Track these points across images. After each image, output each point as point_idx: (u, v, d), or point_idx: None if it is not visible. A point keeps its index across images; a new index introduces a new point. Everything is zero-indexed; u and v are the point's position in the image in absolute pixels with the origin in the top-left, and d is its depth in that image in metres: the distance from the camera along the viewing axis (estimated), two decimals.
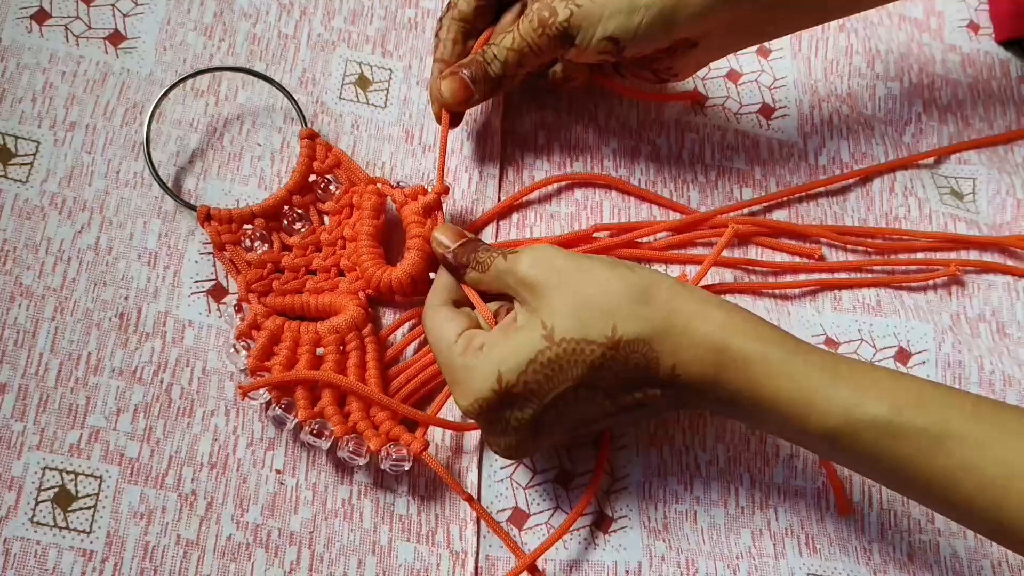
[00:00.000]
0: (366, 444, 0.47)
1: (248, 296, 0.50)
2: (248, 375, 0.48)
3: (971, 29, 0.68)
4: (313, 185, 0.53)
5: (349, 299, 0.50)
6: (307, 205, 0.53)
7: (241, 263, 0.51)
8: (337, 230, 0.53)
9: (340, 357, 0.49)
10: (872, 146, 0.63)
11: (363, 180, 0.53)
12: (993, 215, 0.62)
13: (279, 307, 0.50)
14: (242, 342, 0.48)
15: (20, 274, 0.48)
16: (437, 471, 0.47)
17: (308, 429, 0.46)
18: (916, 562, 0.51)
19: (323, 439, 0.47)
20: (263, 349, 0.48)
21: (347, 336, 0.49)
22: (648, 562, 0.49)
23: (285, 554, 0.46)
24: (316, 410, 0.47)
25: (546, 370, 0.42)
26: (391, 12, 0.60)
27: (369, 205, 0.52)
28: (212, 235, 0.50)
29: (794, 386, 0.42)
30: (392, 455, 0.47)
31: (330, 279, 0.52)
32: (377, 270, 0.51)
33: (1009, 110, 0.66)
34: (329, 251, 0.52)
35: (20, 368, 0.46)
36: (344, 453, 0.47)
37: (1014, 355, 0.57)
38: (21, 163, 0.50)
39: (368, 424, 0.47)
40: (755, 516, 0.51)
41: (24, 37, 0.53)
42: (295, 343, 0.49)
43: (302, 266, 0.52)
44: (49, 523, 0.44)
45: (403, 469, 0.47)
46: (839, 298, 0.57)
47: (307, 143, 0.53)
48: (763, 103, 0.63)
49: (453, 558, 0.47)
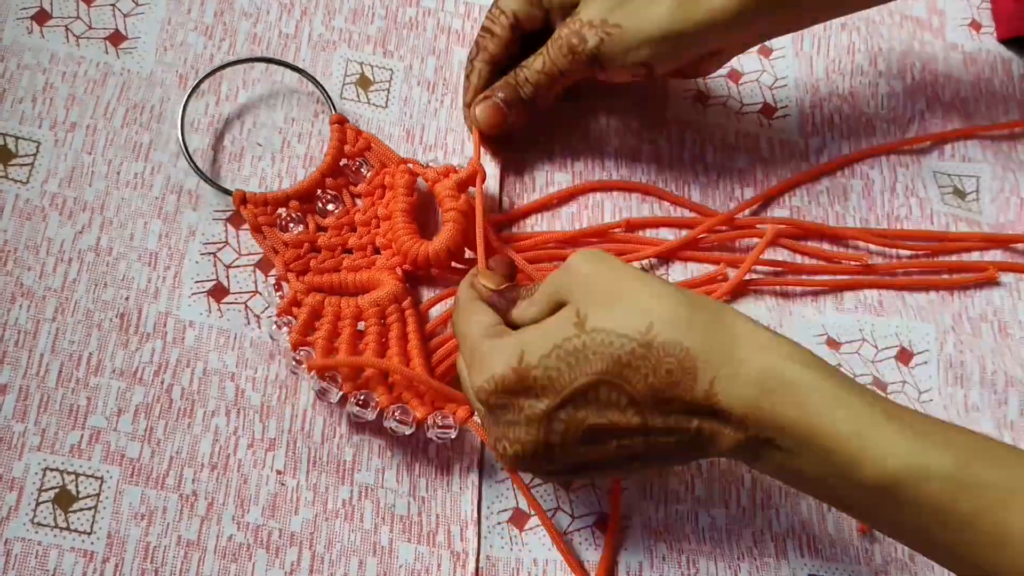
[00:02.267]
0: (412, 413, 0.47)
1: (287, 275, 0.50)
2: (292, 350, 0.48)
3: (973, 27, 0.68)
4: (344, 169, 0.54)
5: (387, 274, 0.51)
6: (339, 188, 0.54)
7: (279, 243, 0.51)
8: (371, 210, 0.54)
9: (382, 329, 0.50)
10: (874, 145, 0.63)
11: (395, 161, 0.54)
12: (996, 214, 0.62)
13: (318, 285, 0.51)
14: (283, 318, 0.49)
15: (21, 275, 0.48)
16: (483, 439, 0.47)
17: (354, 400, 0.47)
18: (917, 562, 0.51)
19: (369, 409, 0.47)
20: (305, 324, 0.49)
21: (387, 309, 0.50)
22: (649, 562, 0.49)
23: (286, 555, 0.46)
24: (360, 382, 0.48)
25: (570, 358, 0.39)
26: (392, 12, 0.60)
27: (402, 183, 0.53)
28: (249, 218, 0.51)
29: (852, 417, 0.37)
30: (439, 423, 0.47)
31: (367, 257, 0.53)
32: (414, 244, 0.52)
33: (1011, 108, 0.66)
34: (364, 230, 0.53)
35: (21, 369, 0.46)
36: (391, 423, 0.47)
37: (1016, 355, 0.57)
38: (22, 163, 0.50)
39: (413, 394, 0.48)
40: (756, 516, 0.51)
41: (25, 37, 0.53)
42: (336, 317, 0.49)
43: (338, 245, 0.53)
44: (50, 524, 0.44)
45: (450, 437, 0.48)
46: (840, 298, 0.57)
47: (337, 128, 0.54)
48: (764, 102, 0.63)
49: (454, 558, 0.47)
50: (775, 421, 0.38)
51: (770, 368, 0.38)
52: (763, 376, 0.38)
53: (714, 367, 0.39)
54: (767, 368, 0.38)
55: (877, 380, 0.55)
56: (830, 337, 0.56)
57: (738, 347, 0.39)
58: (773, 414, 0.38)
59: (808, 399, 0.38)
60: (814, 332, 0.56)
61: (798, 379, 0.38)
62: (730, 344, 0.39)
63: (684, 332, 0.39)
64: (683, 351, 0.39)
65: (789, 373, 0.38)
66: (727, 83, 0.63)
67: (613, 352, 0.39)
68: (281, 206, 0.52)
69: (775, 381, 0.38)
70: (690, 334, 0.39)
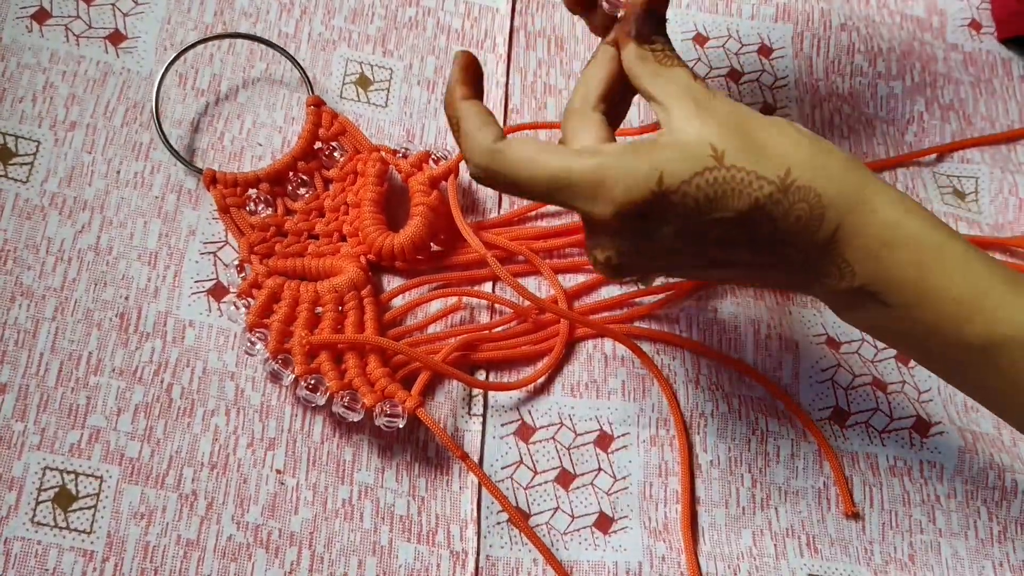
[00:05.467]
0: (361, 400, 0.47)
1: (250, 257, 0.51)
2: (247, 331, 0.48)
3: (973, 28, 0.68)
4: (318, 152, 0.54)
5: (350, 262, 0.51)
6: (312, 171, 0.54)
7: (244, 225, 0.51)
8: (341, 196, 0.53)
9: (338, 316, 0.50)
10: (873, 145, 0.63)
11: (367, 148, 0.54)
12: (996, 215, 0.62)
13: (281, 269, 0.51)
14: (243, 300, 0.49)
15: (20, 274, 0.48)
16: (432, 429, 0.48)
17: (304, 384, 0.47)
18: (917, 563, 0.51)
19: (318, 394, 0.47)
20: (263, 306, 0.49)
21: (345, 296, 0.50)
22: (648, 563, 0.49)
23: (285, 554, 0.46)
24: (313, 366, 0.48)
25: (711, 189, 0.38)
26: (391, 11, 0.60)
27: (373, 172, 0.53)
28: (217, 198, 0.51)
29: (967, 282, 0.38)
30: (387, 411, 0.47)
31: (332, 244, 0.53)
32: (380, 235, 0.52)
33: (1011, 109, 0.66)
34: (332, 216, 0.53)
35: (21, 368, 0.46)
36: (339, 408, 0.47)
37: None
38: (21, 163, 0.50)
39: (364, 381, 0.48)
40: (756, 516, 0.51)
41: (24, 37, 0.53)
42: (294, 301, 0.50)
43: (305, 231, 0.53)
44: (49, 523, 0.44)
45: (397, 426, 0.48)
46: None
47: (313, 110, 0.54)
48: (764, 102, 0.63)
49: (453, 558, 0.47)
50: (890, 276, 0.38)
51: (895, 223, 0.38)
52: (887, 230, 0.38)
53: (840, 214, 0.38)
54: (892, 222, 0.38)
55: (877, 380, 0.55)
56: (830, 337, 0.56)
57: (867, 198, 0.38)
58: (890, 269, 0.38)
59: (928, 257, 0.38)
60: (814, 332, 0.56)
61: (920, 236, 0.38)
62: (860, 194, 0.38)
63: (819, 176, 0.38)
64: (816, 197, 0.38)
65: (912, 229, 0.38)
66: (727, 83, 0.63)
67: (752, 193, 0.38)
68: (251, 187, 0.52)
69: (898, 236, 0.38)
70: (824, 180, 0.38)
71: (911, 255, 0.38)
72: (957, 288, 0.38)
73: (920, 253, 0.38)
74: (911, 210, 0.39)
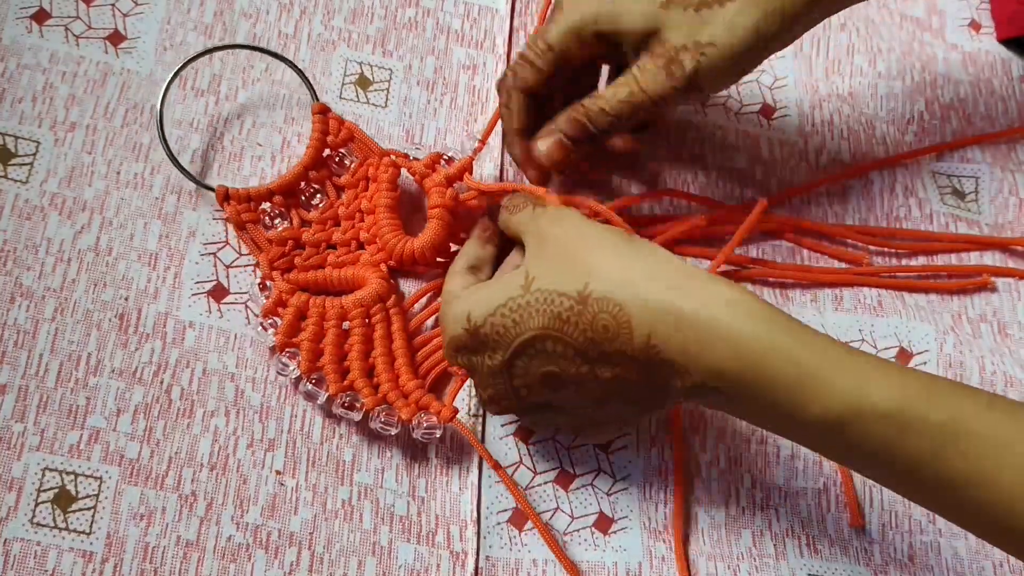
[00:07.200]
0: (397, 414, 0.47)
1: (271, 274, 0.50)
2: (277, 351, 0.48)
3: (972, 28, 0.68)
4: (328, 160, 0.54)
5: (371, 271, 0.51)
6: (323, 180, 0.54)
7: (263, 241, 0.51)
8: (355, 203, 0.53)
9: (367, 330, 0.50)
10: (873, 146, 0.63)
11: (377, 152, 0.54)
12: (995, 214, 0.62)
13: (302, 283, 0.51)
14: (268, 320, 0.49)
15: (20, 275, 0.48)
16: (468, 437, 0.49)
17: (339, 402, 0.47)
18: (917, 563, 0.51)
19: (355, 411, 0.47)
20: (290, 326, 0.49)
21: (372, 309, 0.50)
22: (648, 563, 0.49)
23: (285, 555, 0.46)
24: (346, 383, 0.48)
25: (514, 315, 0.42)
26: (391, 12, 0.60)
27: (386, 177, 0.52)
28: (232, 215, 0.51)
29: (793, 370, 0.38)
30: (424, 424, 0.48)
31: (351, 252, 0.52)
32: (398, 241, 0.51)
33: (1011, 109, 0.66)
34: (348, 224, 0.53)
35: (20, 369, 0.46)
36: (376, 424, 0.48)
37: (1015, 355, 0.57)
38: (21, 163, 0.50)
39: (398, 395, 0.48)
40: (756, 517, 0.51)
41: (24, 37, 0.53)
42: (321, 318, 0.49)
43: (322, 241, 0.52)
44: (49, 524, 0.44)
45: (435, 436, 0.48)
46: (840, 298, 0.57)
47: (319, 118, 0.53)
48: (764, 103, 0.63)
49: (453, 559, 0.47)
50: (716, 371, 0.39)
51: (707, 319, 0.39)
52: (700, 328, 0.39)
53: (649, 322, 0.39)
54: (704, 320, 0.39)
55: None
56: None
57: (676, 299, 0.39)
58: (713, 365, 0.39)
59: (745, 348, 0.38)
60: None
61: (735, 329, 0.38)
62: (667, 296, 0.40)
63: (618, 288, 0.40)
64: (616, 307, 0.40)
65: (726, 324, 0.39)
66: None
67: (552, 309, 0.41)
68: (264, 201, 0.52)
69: (712, 333, 0.39)
70: (624, 289, 0.40)
71: (728, 350, 0.38)
72: (783, 377, 0.38)
73: (735, 347, 0.38)
74: (722, 302, 0.39)
